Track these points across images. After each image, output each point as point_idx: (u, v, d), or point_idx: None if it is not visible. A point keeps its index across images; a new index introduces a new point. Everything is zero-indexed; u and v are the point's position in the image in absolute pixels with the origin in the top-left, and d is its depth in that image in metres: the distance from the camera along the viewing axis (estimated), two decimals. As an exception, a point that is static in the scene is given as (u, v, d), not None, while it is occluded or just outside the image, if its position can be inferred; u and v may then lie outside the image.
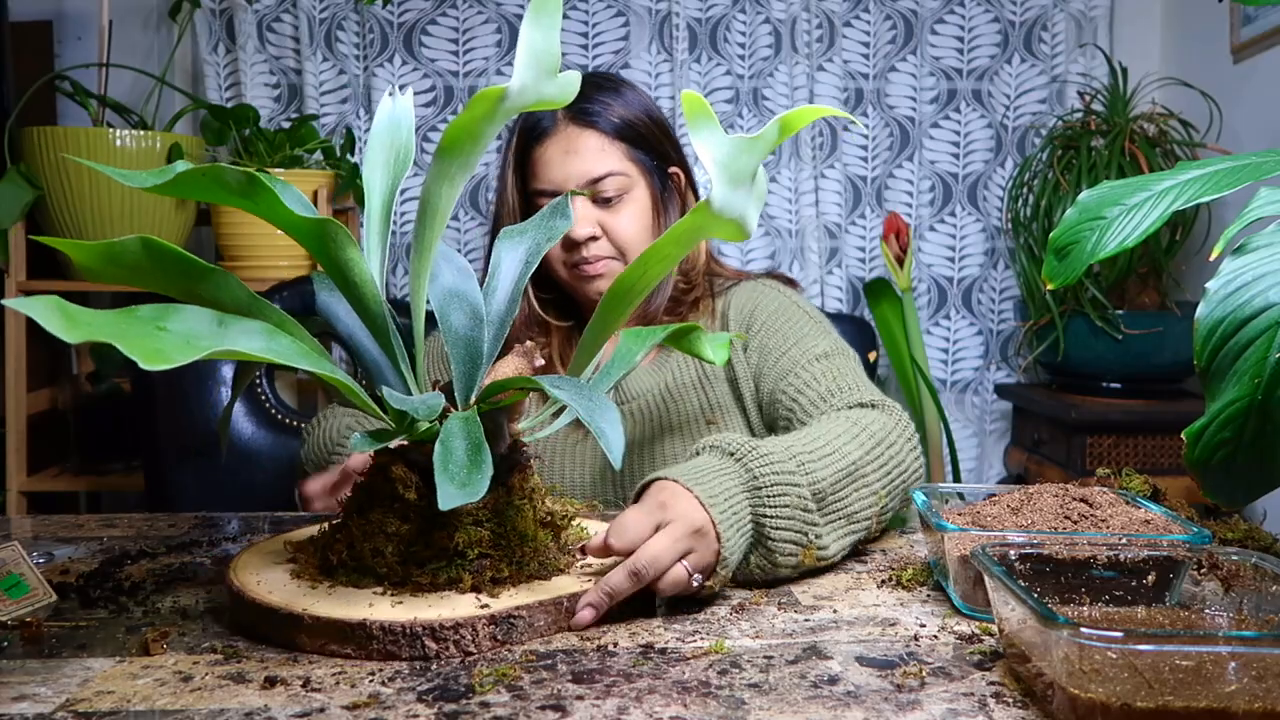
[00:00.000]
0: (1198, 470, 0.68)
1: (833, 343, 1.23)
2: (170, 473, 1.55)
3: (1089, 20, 2.47)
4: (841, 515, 0.92)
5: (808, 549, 0.88)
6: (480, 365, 0.84)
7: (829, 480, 0.91)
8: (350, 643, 0.72)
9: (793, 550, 0.87)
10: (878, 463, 0.97)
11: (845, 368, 1.18)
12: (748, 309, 1.29)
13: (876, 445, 0.99)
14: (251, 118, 2.10)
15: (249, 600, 0.76)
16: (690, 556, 0.80)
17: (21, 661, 0.72)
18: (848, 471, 0.93)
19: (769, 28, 2.42)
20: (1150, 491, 0.97)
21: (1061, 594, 0.75)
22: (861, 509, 0.94)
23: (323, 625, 0.73)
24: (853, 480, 0.94)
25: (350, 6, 2.37)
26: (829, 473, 0.91)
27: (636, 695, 0.66)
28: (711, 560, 0.81)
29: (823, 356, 1.19)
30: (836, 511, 0.91)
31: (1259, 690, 0.58)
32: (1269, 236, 0.67)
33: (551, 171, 1.26)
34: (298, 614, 0.73)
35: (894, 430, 1.03)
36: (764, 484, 0.86)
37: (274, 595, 0.77)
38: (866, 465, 0.96)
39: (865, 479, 0.95)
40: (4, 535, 1.08)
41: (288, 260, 2.10)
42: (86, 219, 1.99)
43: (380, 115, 0.85)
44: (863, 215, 2.50)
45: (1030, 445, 2.39)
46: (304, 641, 0.73)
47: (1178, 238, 2.18)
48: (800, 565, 0.88)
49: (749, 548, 0.86)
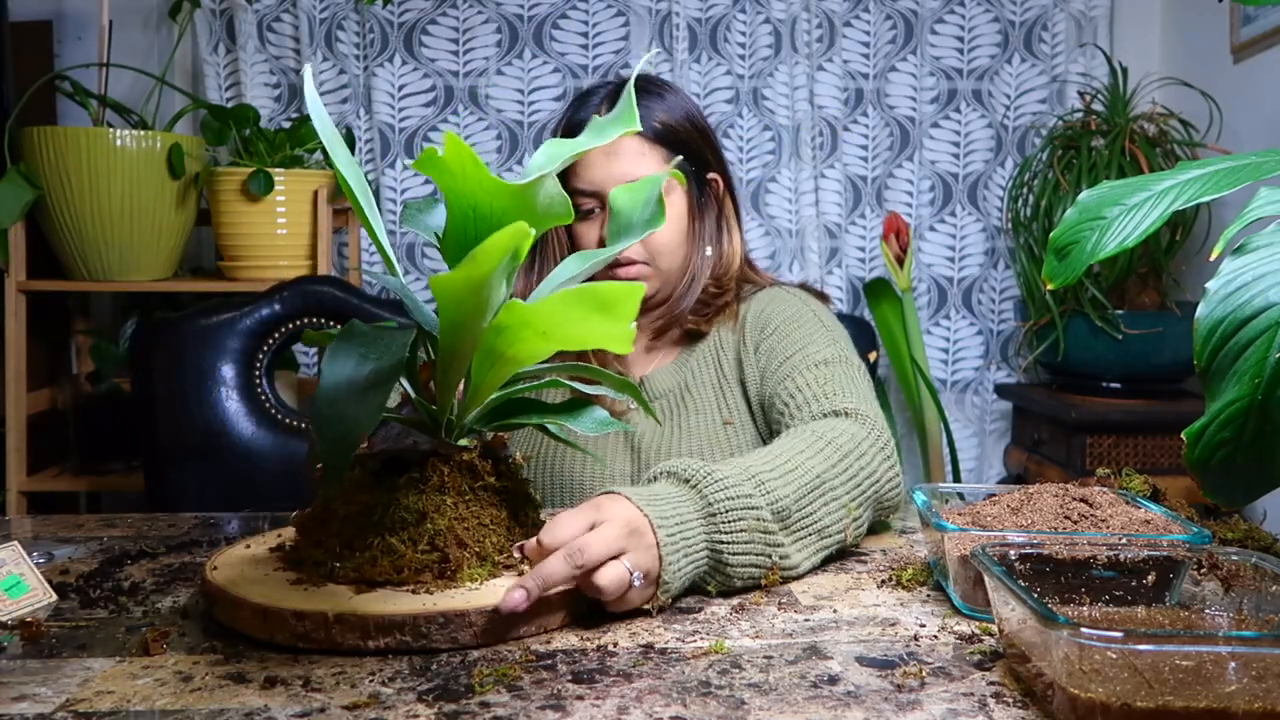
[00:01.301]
0: (1198, 470, 0.68)
1: (837, 351, 1.22)
2: (170, 473, 1.55)
3: (1089, 20, 2.47)
4: (810, 530, 0.91)
5: (771, 570, 0.87)
6: None
7: (792, 496, 0.90)
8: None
9: (753, 574, 0.87)
10: (845, 474, 0.96)
11: (840, 375, 1.17)
12: (765, 314, 1.30)
13: (844, 457, 0.97)
14: (251, 118, 2.10)
15: (222, 595, 0.77)
16: (628, 556, 0.79)
17: (21, 661, 0.72)
18: (811, 486, 0.92)
19: (769, 28, 2.42)
20: (1150, 491, 0.97)
21: (1061, 594, 0.75)
22: (831, 522, 0.93)
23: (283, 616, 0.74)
24: (819, 494, 0.92)
25: (350, 6, 2.37)
26: (791, 489, 0.90)
27: (636, 695, 0.66)
28: (651, 565, 0.80)
29: (822, 363, 1.19)
30: (805, 527, 0.91)
31: (1259, 690, 0.58)
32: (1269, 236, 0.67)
33: (592, 172, 1.26)
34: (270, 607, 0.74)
35: (864, 440, 1.01)
36: (719, 510, 0.85)
37: (247, 590, 0.78)
38: (832, 477, 0.95)
39: (832, 491, 0.94)
40: (4, 535, 1.08)
41: (288, 260, 2.10)
42: (86, 219, 2.00)
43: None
44: (863, 215, 2.50)
45: (1030, 445, 2.39)
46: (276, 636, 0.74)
47: (1178, 238, 2.18)
48: (765, 584, 0.88)
49: (707, 573, 0.86)
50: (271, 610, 0.74)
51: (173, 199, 2.06)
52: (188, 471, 1.55)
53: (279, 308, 1.61)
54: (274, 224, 2.08)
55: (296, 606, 0.74)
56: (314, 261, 2.10)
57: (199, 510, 1.21)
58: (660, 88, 1.32)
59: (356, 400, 0.68)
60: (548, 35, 2.41)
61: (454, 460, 0.84)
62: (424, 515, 0.80)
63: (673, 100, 1.31)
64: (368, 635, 0.72)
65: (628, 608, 0.80)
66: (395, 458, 0.83)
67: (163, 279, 2.13)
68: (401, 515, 0.80)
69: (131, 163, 1.98)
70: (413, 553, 0.79)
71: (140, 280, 2.09)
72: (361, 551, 0.79)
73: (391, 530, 0.79)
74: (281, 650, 0.73)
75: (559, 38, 2.41)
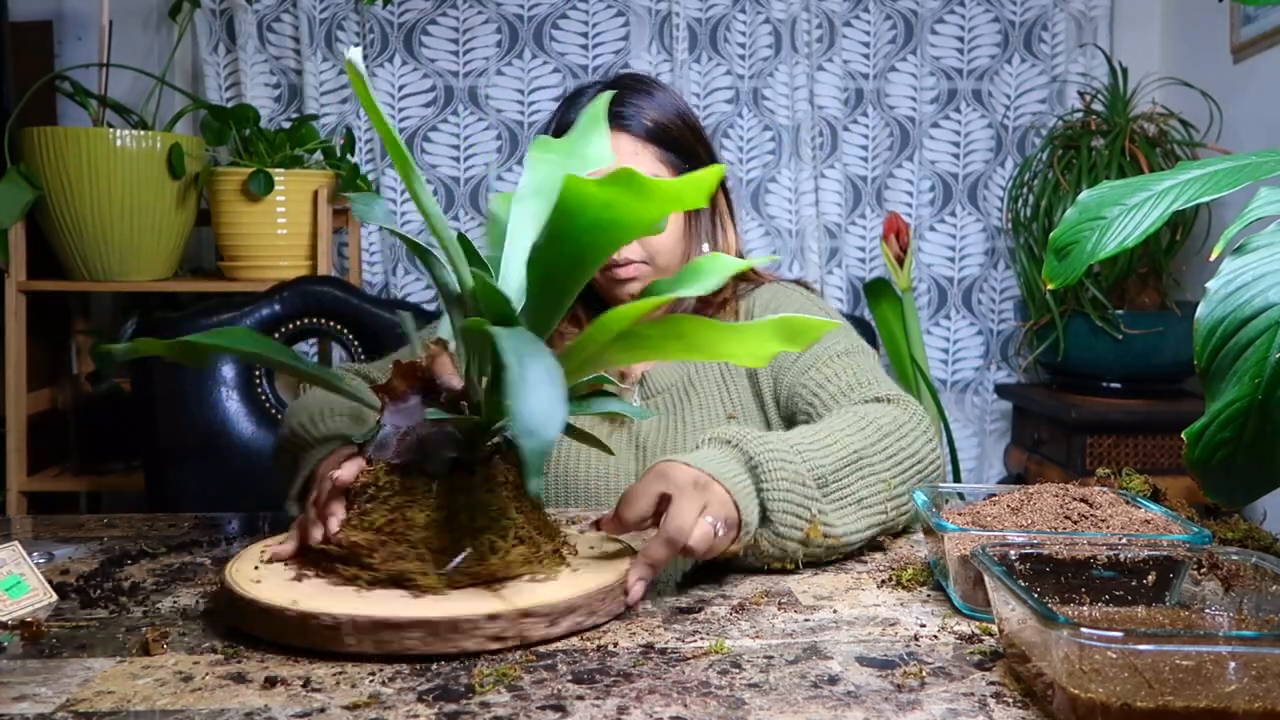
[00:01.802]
0: (1198, 470, 0.68)
1: (852, 341, 1.24)
2: (170, 473, 1.55)
3: (1089, 20, 2.47)
4: (849, 501, 0.94)
5: (813, 523, 0.90)
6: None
7: (830, 466, 0.93)
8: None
9: (795, 524, 0.89)
10: (885, 452, 0.99)
11: (865, 365, 1.19)
12: (771, 308, 1.31)
13: (885, 436, 1.00)
14: (251, 118, 2.10)
15: (243, 599, 0.77)
16: (707, 511, 0.83)
17: (21, 661, 0.72)
18: (849, 460, 0.95)
19: (769, 28, 2.42)
20: (1150, 491, 0.97)
21: (1061, 594, 0.75)
22: (870, 495, 0.95)
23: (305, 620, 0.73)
24: (856, 467, 0.95)
25: (350, 6, 2.37)
26: (829, 460, 0.93)
27: (636, 695, 0.66)
28: (729, 512, 0.85)
29: (843, 354, 1.20)
30: (843, 496, 0.93)
31: (1259, 690, 0.58)
32: (1269, 236, 0.67)
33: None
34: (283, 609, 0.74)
35: (906, 423, 1.04)
36: (760, 461, 0.89)
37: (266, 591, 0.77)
38: (871, 454, 0.97)
39: (871, 466, 0.96)
40: (4, 535, 1.08)
41: (288, 260, 2.10)
42: (86, 219, 2.00)
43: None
44: (863, 215, 2.50)
45: (1030, 445, 2.39)
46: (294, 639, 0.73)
47: (1178, 238, 2.18)
48: (809, 541, 0.90)
49: (759, 526, 0.89)
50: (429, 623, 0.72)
51: (173, 199, 2.06)
52: (188, 471, 1.55)
53: (279, 308, 1.61)
54: (274, 224, 2.08)
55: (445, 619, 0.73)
56: (314, 261, 2.11)
57: (199, 510, 1.21)
58: (649, 86, 1.33)
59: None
60: (547, 35, 2.41)
61: (493, 459, 0.84)
62: (504, 512, 0.82)
63: (662, 98, 1.31)
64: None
65: (716, 555, 0.86)
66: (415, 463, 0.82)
67: (163, 279, 2.13)
68: (490, 517, 0.81)
69: (131, 163, 1.98)
70: (508, 547, 0.80)
71: (140, 280, 2.09)
72: (455, 552, 0.79)
73: (484, 530, 0.80)
74: (281, 650, 0.73)
75: (559, 38, 2.41)
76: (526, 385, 0.63)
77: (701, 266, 0.80)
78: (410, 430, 0.81)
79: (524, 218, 0.86)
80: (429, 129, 2.40)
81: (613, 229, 0.72)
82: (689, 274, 0.80)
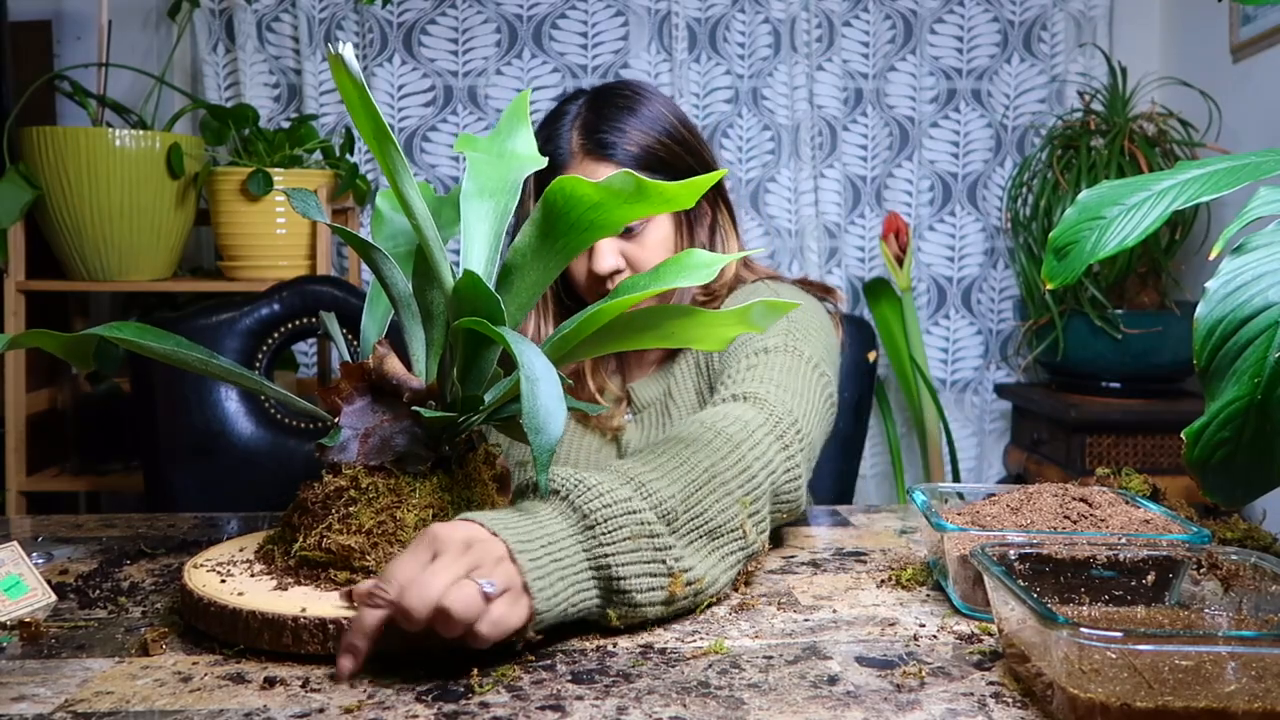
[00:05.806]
0: (1197, 470, 0.68)
1: (785, 342, 1.11)
2: (170, 473, 1.55)
3: (1088, 20, 2.47)
4: (701, 532, 0.81)
5: (674, 577, 0.77)
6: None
7: (678, 496, 0.80)
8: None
9: (652, 585, 0.76)
10: (737, 467, 0.87)
11: (772, 363, 1.07)
12: (740, 300, 1.27)
13: (735, 448, 0.88)
14: (251, 117, 2.10)
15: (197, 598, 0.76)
16: (477, 573, 0.68)
17: (21, 662, 0.72)
18: (699, 482, 0.82)
19: (768, 27, 2.42)
20: (1150, 491, 0.97)
21: (1061, 594, 0.75)
22: (725, 520, 0.83)
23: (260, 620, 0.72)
24: (709, 490, 0.83)
25: (349, 6, 2.37)
26: (676, 488, 0.80)
27: (636, 695, 0.66)
28: (508, 577, 0.69)
29: (761, 351, 1.10)
30: (695, 529, 0.81)
31: (1258, 690, 0.58)
32: (1268, 236, 0.67)
33: None
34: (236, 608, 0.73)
35: (759, 428, 0.93)
36: (596, 520, 0.75)
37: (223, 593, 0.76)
38: (722, 469, 0.85)
39: (724, 485, 0.84)
40: (4, 535, 1.07)
41: (287, 260, 2.10)
42: (86, 219, 1.99)
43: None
44: (862, 215, 2.50)
45: (1030, 445, 2.39)
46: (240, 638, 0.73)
47: (1177, 237, 2.18)
48: (673, 600, 0.78)
49: (600, 597, 0.75)
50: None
51: (172, 199, 2.06)
52: (188, 471, 1.54)
53: (278, 308, 1.61)
54: (273, 224, 2.08)
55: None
56: (313, 261, 2.10)
57: (199, 510, 1.21)
58: (635, 99, 1.23)
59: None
60: (547, 35, 2.41)
61: (468, 455, 0.85)
62: (489, 504, 0.83)
63: (649, 112, 1.23)
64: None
65: (498, 634, 0.68)
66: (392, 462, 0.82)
67: (162, 279, 2.13)
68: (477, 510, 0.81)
69: (131, 163, 1.98)
70: None
71: (140, 280, 2.09)
72: None
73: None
74: (281, 650, 0.73)
75: (558, 38, 2.41)
76: (537, 385, 0.64)
77: (679, 261, 0.79)
78: (370, 431, 0.80)
79: (480, 217, 0.86)
80: (428, 129, 2.40)
81: (595, 230, 0.76)
82: (665, 269, 0.81)
